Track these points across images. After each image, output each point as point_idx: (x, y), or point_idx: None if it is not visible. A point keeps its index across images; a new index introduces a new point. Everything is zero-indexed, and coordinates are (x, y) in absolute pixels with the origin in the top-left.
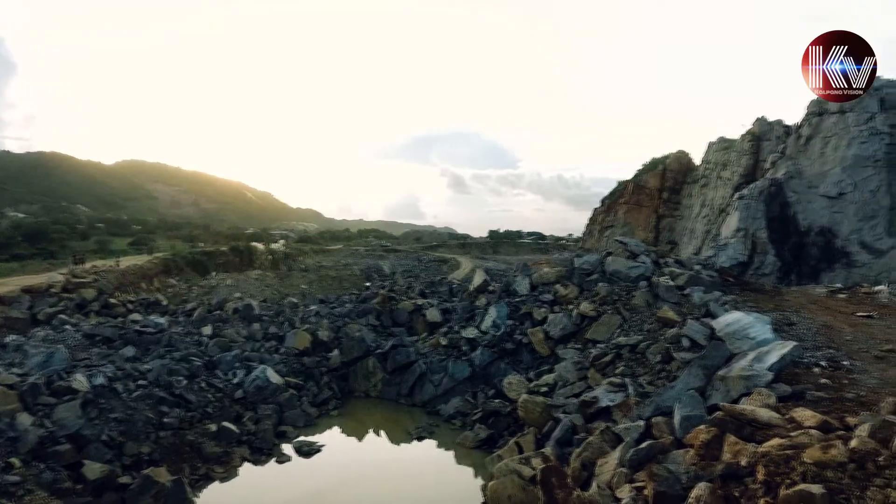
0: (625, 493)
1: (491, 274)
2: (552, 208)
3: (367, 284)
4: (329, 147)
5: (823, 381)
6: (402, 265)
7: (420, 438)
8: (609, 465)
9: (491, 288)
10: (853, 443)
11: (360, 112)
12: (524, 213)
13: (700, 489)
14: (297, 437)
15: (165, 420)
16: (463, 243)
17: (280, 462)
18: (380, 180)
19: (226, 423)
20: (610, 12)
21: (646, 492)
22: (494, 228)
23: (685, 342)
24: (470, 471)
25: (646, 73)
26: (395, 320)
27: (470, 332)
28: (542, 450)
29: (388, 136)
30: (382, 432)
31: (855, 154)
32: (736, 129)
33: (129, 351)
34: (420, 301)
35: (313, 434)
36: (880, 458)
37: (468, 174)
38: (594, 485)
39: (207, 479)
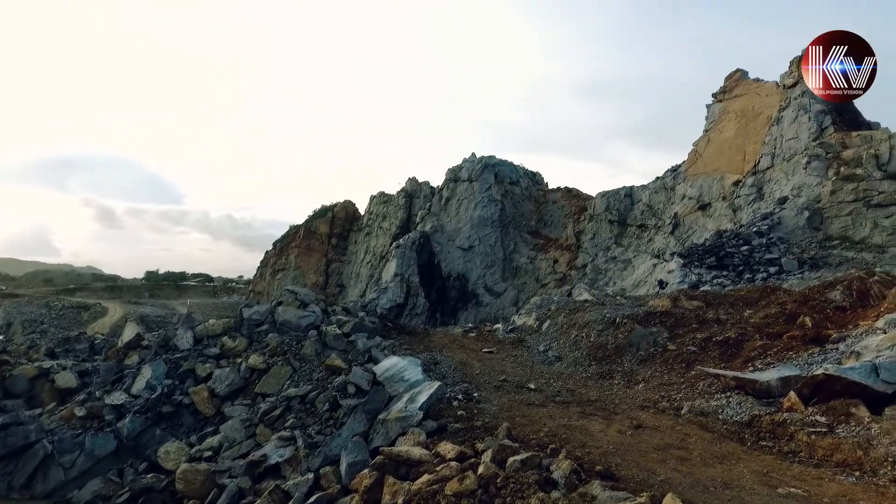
0: None
1: (148, 321)
2: (221, 248)
3: None
4: None
5: (460, 412)
6: (23, 314)
7: None
8: None
9: (145, 342)
10: (480, 469)
11: None
12: (190, 252)
13: None
14: None
15: None
16: (112, 286)
17: None
18: None
19: None
20: (286, 67)
21: None
22: (153, 269)
23: (351, 389)
24: None
25: (316, 123)
26: (7, 391)
27: (117, 398)
28: None
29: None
30: None
31: (480, 215)
32: (393, 185)
33: None
34: (48, 363)
35: None
36: (498, 480)
37: (121, 207)
38: None
39: None
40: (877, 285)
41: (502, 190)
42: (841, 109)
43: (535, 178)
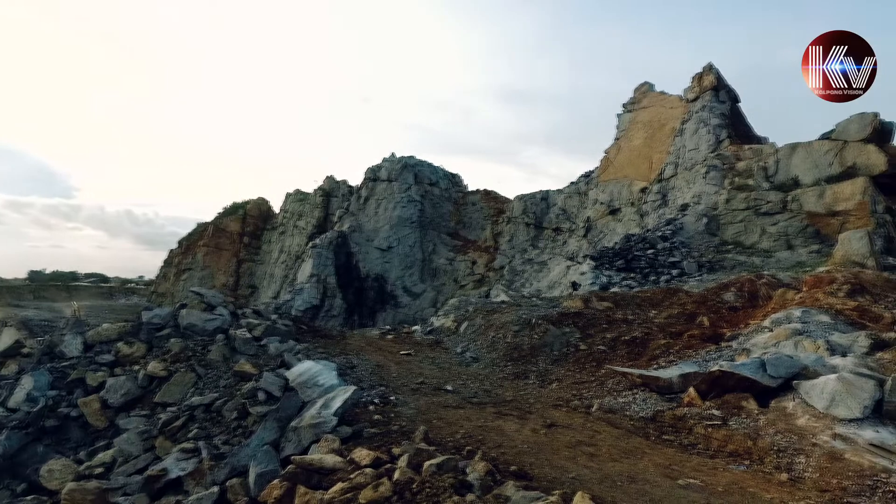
0: None
1: (31, 326)
2: (119, 246)
3: None
4: None
5: (377, 417)
6: None
7: None
8: None
9: (27, 350)
10: (396, 475)
11: None
12: (82, 250)
13: None
14: None
15: None
16: None
17: None
18: None
19: None
20: (194, 57)
21: None
22: (38, 269)
23: (261, 395)
24: None
25: (227, 116)
26: None
27: None
28: None
29: None
30: None
31: (399, 215)
32: (310, 183)
33: None
34: None
35: None
36: (414, 486)
37: (0, 199)
38: None
39: None
40: (764, 287)
41: (422, 190)
42: (735, 123)
43: (454, 180)
